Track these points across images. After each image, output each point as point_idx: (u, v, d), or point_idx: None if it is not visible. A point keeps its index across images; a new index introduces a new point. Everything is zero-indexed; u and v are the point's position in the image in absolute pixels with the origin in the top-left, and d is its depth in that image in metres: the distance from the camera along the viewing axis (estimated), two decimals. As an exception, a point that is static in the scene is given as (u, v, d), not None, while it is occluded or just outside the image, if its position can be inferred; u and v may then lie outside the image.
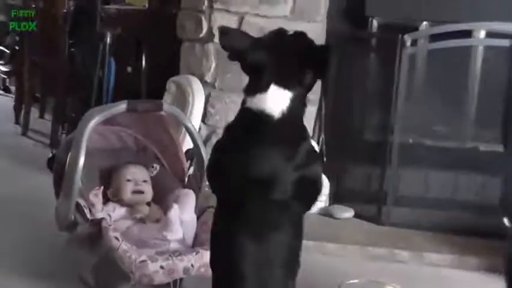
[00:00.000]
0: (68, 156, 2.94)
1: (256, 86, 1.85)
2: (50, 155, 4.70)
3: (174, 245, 2.81)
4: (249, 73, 1.90)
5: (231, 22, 3.99)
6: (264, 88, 1.82)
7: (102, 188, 3.12)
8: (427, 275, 3.37)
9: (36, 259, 3.26)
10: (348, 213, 3.94)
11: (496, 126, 3.88)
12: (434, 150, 3.98)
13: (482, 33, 3.78)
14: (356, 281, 1.19)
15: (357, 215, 3.94)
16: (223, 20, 4.00)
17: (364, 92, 4.05)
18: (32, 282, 3.01)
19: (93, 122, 2.93)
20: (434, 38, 3.81)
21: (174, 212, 2.80)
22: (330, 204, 3.99)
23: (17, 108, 6.07)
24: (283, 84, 1.82)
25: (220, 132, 3.96)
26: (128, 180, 3.15)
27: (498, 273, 3.27)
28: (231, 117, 3.88)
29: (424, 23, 3.86)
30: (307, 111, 3.80)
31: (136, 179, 3.16)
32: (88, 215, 2.95)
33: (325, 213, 3.93)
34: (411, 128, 3.91)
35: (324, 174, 3.89)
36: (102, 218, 2.85)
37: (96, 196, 3.04)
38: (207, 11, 4.06)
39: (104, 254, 2.75)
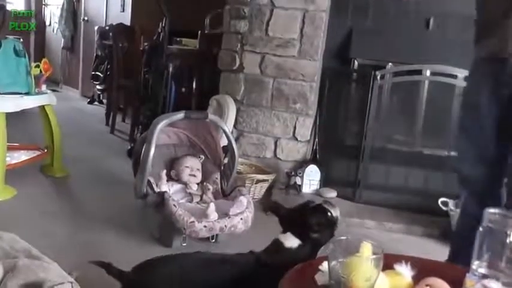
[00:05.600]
0: (143, 148, 3.00)
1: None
2: (129, 147, 4.76)
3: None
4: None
5: (256, 59, 4.02)
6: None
7: (165, 170, 3.17)
8: (386, 238, 3.35)
9: (120, 217, 3.28)
10: (333, 193, 3.91)
11: (436, 136, 3.88)
12: (393, 152, 3.97)
13: (428, 72, 3.77)
14: (343, 237, 1.22)
15: (338, 195, 3.91)
16: (250, 57, 4.02)
17: (347, 110, 4.05)
18: (117, 232, 3.04)
19: (160, 124, 2.97)
20: (396, 74, 3.81)
21: (211, 208, 2.83)
22: (320, 187, 3.97)
23: (107, 115, 6.09)
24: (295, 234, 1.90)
25: (246, 135, 4.05)
26: (187, 167, 3.20)
27: (434, 238, 3.36)
28: (254, 124, 3.98)
29: (390, 63, 3.84)
30: (307, 122, 3.91)
31: (192, 166, 3.22)
32: (155, 189, 3.01)
33: (316, 193, 3.92)
34: (378, 136, 3.89)
35: (317, 166, 3.96)
36: (165, 191, 2.90)
37: (162, 176, 3.10)
38: (239, 51, 4.07)
39: (165, 215, 2.80)
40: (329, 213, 1.91)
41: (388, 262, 1.34)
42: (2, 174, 3.46)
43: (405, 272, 1.37)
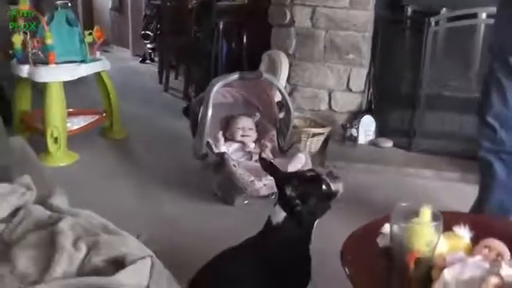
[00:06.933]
0: (200, 110, 3.08)
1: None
2: (184, 105, 4.83)
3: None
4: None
5: (306, 12, 4.01)
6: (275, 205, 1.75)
7: (221, 132, 3.26)
8: (441, 188, 3.38)
9: (181, 176, 3.40)
10: (389, 143, 3.94)
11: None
12: (449, 98, 3.94)
13: (483, 15, 3.70)
14: (405, 204, 1.27)
15: (394, 145, 3.94)
16: (301, 10, 4.02)
17: (401, 58, 4.00)
18: (180, 191, 3.17)
19: (216, 86, 3.05)
20: (451, 19, 3.76)
21: None
22: (376, 137, 4.00)
23: (160, 73, 6.18)
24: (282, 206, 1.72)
25: (300, 89, 4.08)
26: (238, 128, 3.28)
27: None
28: (307, 78, 4.00)
29: (444, 8, 3.78)
30: (361, 72, 3.91)
31: (245, 127, 3.30)
32: (214, 149, 3.11)
33: (372, 143, 3.97)
34: (434, 83, 3.87)
35: (372, 117, 3.98)
36: (224, 152, 2.99)
37: (219, 137, 3.19)
38: (289, 5, 4.06)
39: (225, 175, 2.90)
40: (325, 186, 1.71)
41: (446, 221, 1.37)
42: (64, 140, 3.62)
43: (464, 233, 1.42)
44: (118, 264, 1.19)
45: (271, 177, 1.90)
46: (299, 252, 1.72)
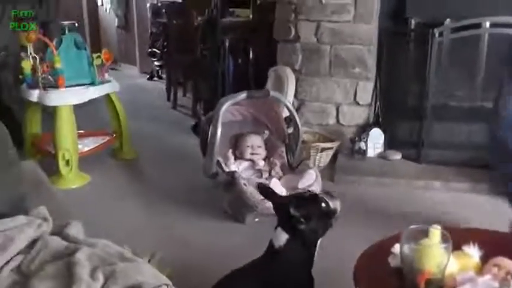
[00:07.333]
0: (209, 129, 3.11)
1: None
2: (193, 123, 4.87)
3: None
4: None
5: (311, 27, 4.04)
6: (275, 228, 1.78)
7: (231, 150, 3.28)
8: (452, 198, 3.39)
9: (192, 195, 3.42)
10: (397, 155, 3.96)
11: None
12: (456, 108, 3.96)
13: (487, 24, 3.72)
14: (416, 226, 1.28)
15: (403, 157, 3.95)
16: (306, 26, 4.05)
17: (407, 70, 4.02)
18: (191, 210, 3.19)
19: (225, 105, 3.08)
20: (455, 30, 3.78)
21: (275, 183, 2.93)
22: (384, 150, 4.01)
23: (168, 90, 6.24)
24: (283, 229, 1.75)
25: (307, 104, 4.11)
26: (248, 146, 3.30)
27: (501, 195, 3.16)
28: (314, 93, 4.03)
29: (448, 19, 3.80)
30: (367, 86, 3.94)
31: (254, 145, 3.31)
32: (224, 168, 3.13)
33: (381, 156, 3.98)
34: (440, 93, 3.88)
35: (380, 129, 4.00)
36: (235, 171, 3.02)
37: (229, 156, 3.21)
38: (294, 21, 4.09)
39: (236, 194, 2.92)
40: (324, 204, 1.75)
41: (455, 240, 1.38)
42: (75, 162, 3.66)
43: (473, 252, 1.43)
44: (135, 292, 1.22)
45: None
46: (302, 275, 1.75)
